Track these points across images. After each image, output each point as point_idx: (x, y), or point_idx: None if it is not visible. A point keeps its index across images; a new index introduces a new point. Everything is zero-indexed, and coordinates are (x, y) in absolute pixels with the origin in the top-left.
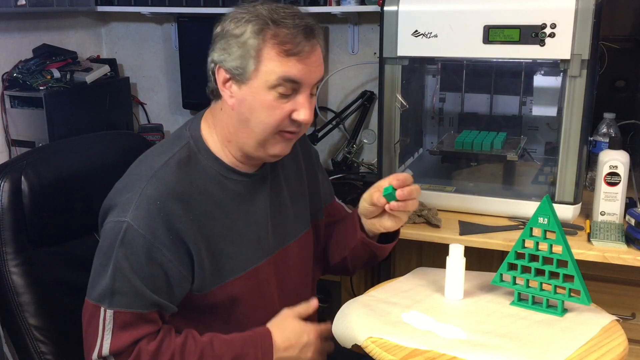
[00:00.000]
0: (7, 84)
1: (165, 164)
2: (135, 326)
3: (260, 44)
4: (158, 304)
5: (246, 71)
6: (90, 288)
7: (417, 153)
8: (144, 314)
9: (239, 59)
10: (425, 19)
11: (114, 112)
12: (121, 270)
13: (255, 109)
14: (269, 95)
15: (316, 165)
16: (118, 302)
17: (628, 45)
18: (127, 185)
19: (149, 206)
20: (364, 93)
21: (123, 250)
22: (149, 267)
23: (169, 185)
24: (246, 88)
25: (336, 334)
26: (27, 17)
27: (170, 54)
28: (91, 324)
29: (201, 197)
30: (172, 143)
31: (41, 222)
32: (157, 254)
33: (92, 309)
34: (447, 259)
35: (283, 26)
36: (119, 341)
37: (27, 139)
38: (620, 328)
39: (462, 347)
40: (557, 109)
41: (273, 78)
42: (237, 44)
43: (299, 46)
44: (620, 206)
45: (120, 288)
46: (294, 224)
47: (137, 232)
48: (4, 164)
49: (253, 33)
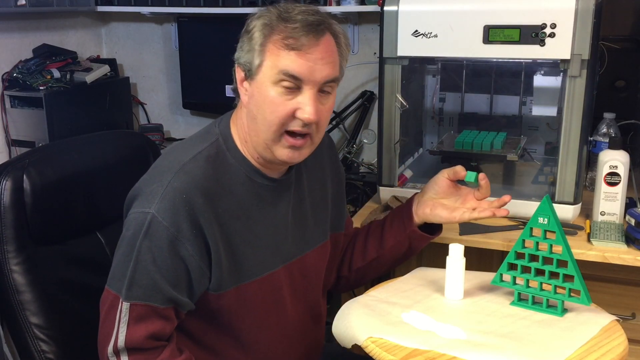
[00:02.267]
0: (7, 84)
1: (194, 158)
2: (150, 320)
3: (264, 38)
4: (175, 300)
5: (253, 66)
6: (111, 277)
7: (417, 153)
8: (159, 308)
9: (248, 54)
10: (425, 19)
11: (114, 112)
12: (143, 263)
13: (261, 105)
14: (273, 90)
15: (343, 183)
16: (135, 294)
17: (628, 45)
18: (154, 176)
19: (175, 199)
20: (364, 93)
21: (147, 243)
22: (171, 260)
23: (195, 180)
24: (254, 84)
25: (336, 334)
26: (27, 17)
27: (170, 54)
28: (109, 315)
29: (226, 195)
30: (201, 138)
31: (42, 220)
32: (180, 247)
33: (113, 299)
34: (447, 259)
35: (289, 22)
36: (134, 335)
37: (27, 139)
38: (620, 328)
39: (462, 347)
40: (557, 109)
41: (274, 72)
42: (247, 39)
43: (300, 41)
44: (620, 206)
45: (139, 280)
46: (313, 233)
47: (162, 225)
48: (6, 163)
49: (259, 27)
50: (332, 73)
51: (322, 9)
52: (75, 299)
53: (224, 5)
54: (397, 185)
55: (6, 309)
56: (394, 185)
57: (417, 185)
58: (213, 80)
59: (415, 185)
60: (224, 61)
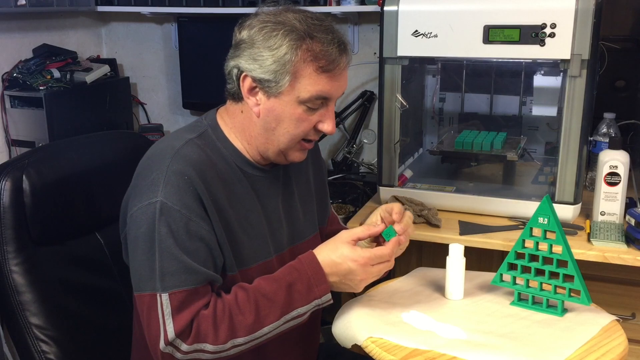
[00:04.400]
0: (7, 84)
1: (186, 143)
2: (193, 303)
3: (297, 60)
4: (208, 277)
5: (280, 85)
6: (138, 281)
7: (417, 153)
8: (197, 289)
9: (273, 73)
10: (425, 19)
11: (114, 112)
12: (167, 250)
13: (284, 120)
14: (298, 109)
15: (325, 177)
16: (171, 283)
17: (628, 45)
18: (148, 167)
19: (178, 182)
20: (364, 93)
21: (164, 229)
22: (191, 242)
23: (192, 162)
24: (275, 100)
25: (336, 334)
26: (27, 17)
27: (170, 54)
28: (151, 315)
29: (220, 181)
30: (189, 129)
31: (42, 221)
32: (195, 227)
33: (149, 300)
34: (447, 259)
35: (318, 40)
36: (181, 321)
37: (27, 139)
38: (620, 328)
39: (462, 347)
40: (557, 109)
41: (306, 95)
42: (271, 57)
43: (334, 63)
44: (620, 206)
45: (169, 268)
46: (304, 226)
47: (173, 209)
48: (5, 163)
49: (290, 48)
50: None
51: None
52: (75, 299)
53: (224, 5)
54: (397, 185)
55: (6, 309)
56: (394, 185)
57: (417, 185)
58: (213, 80)
59: (415, 185)
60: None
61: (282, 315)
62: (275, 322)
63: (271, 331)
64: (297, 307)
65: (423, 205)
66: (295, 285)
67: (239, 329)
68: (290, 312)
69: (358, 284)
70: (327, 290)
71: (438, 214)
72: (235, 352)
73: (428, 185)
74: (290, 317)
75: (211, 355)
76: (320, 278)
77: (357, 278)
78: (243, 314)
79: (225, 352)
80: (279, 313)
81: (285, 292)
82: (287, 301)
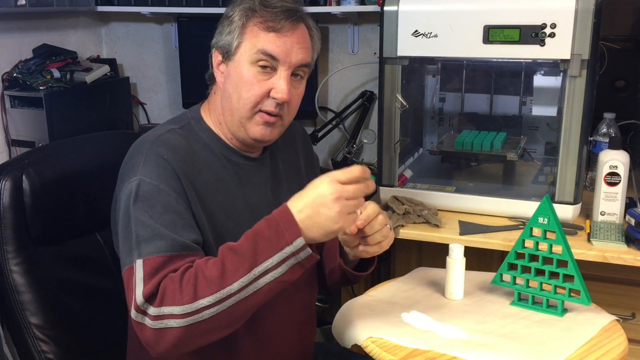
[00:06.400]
0: (7, 84)
1: (168, 131)
2: (165, 268)
3: (245, 21)
4: (184, 245)
5: (231, 47)
6: (122, 257)
7: (417, 153)
8: (172, 256)
9: (227, 36)
10: (425, 19)
11: (114, 112)
12: (141, 222)
13: (237, 84)
14: (250, 70)
15: (317, 170)
16: (145, 251)
17: (628, 45)
18: (130, 154)
19: (157, 160)
20: (364, 93)
21: (139, 204)
22: (168, 215)
23: (173, 147)
24: (231, 64)
25: (336, 334)
26: (27, 17)
27: (170, 54)
28: (129, 285)
29: (204, 167)
30: (172, 122)
31: (42, 221)
32: (172, 201)
33: (127, 273)
34: (447, 259)
35: (269, 7)
36: (150, 285)
37: (27, 139)
38: (620, 328)
39: (462, 347)
40: (557, 109)
41: (253, 51)
42: (227, 23)
43: (280, 23)
44: (620, 206)
45: (144, 236)
46: None
47: (150, 184)
48: (5, 163)
49: (240, 11)
50: (306, 58)
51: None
52: (74, 299)
53: (224, 5)
54: (397, 185)
55: (6, 309)
56: (394, 185)
57: (417, 185)
58: None
59: (415, 185)
60: None
61: (251, 267)
62: (244, 276)
63: (242, 288)
64: (267, 257)
65: (423, 205)
66: (263, 233)
67: (204, 286)
68: (260, 263)
69: (332, 208)
70: (297, 233)
71: (438, 214)
72: (208, 316)
73: (428, 185)
74: (261, 269)
75: (181, 320)
76: (289, 220)
77: (328, 200)
78: (208, 269)
79: (195, 315)
80: (247, 265)
81: (252, 242)
82: (253, 251)
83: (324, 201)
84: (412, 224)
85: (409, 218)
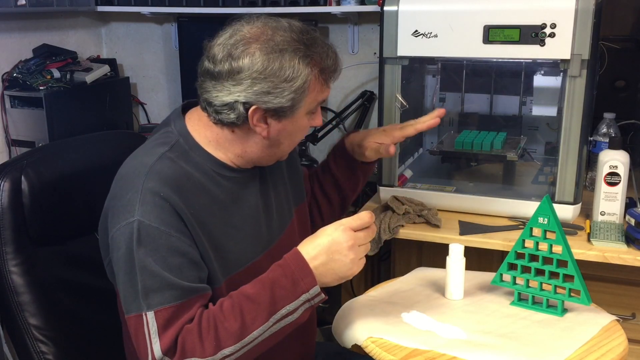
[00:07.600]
0: (7, 84)
1: (159, 159)
2: (178, 319)
3: (309, 80)
4: (192, 290)
5: (297, 107)
6: (125, 303)
7: (417, 153)
8: (182, 304)
9: (291, 101)
10: (425, 19)
11: (114, 112)
12: (147, 269)
13: (293, 133)
14: (305, 118)
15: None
16: (155, 301)
17: (628, 45)
18: (123, 187)
19: (154, 199)
20: (364, 93)
21: (142, 250)
22: (172, 257)
23: (166, 178)
24: (287, 120)
25: (336, 334)
26: (27, 17)
27: (170, 54)
28: (138, 335)
29: (198, 192)
30: (159, 142)
31: (41, 221)
32: (176, 242)
33: (135, 321)
34: (447, 259)
35: (318, 56)
36: (167, 339)
37: (27, 139)
38: (620, 328)
39: (462, 347)
40: (557, 109)
41: (314, 104)
42: (290, 87)
43: (336, 72)
44: (620, 206)
45: (152, 286)
46: (281, 216)
47: (151, 227)
48: (4, 164)
49: (304, 75)
50: None
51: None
52: (74, 299)
53: (224, 5)
54: (397, 185)
55: (5, 310)
56: (394, 185)
57: (417, 185)
58: None
59: (415, 185)
60: None
61: (270, 315)
62: (264, 324)
63: (262, 334)
64: (284, 305)
65: (423, 205)
66: (279, 282)
67: (226, 337)
68: (277, 311)
69: (347, 255)
70: (313, 282)
71: (438, 214)
72: None
73: (428, 185)
74: (279, 316)
75: None
76: (304, 269)
77: (343, 247)
78: (228, 321)
79: None
80: (265, 314)
81: (269, 291)
82: (272, 300)
83: (339, 248)
84: (412, 224)
85: (409, 218)
